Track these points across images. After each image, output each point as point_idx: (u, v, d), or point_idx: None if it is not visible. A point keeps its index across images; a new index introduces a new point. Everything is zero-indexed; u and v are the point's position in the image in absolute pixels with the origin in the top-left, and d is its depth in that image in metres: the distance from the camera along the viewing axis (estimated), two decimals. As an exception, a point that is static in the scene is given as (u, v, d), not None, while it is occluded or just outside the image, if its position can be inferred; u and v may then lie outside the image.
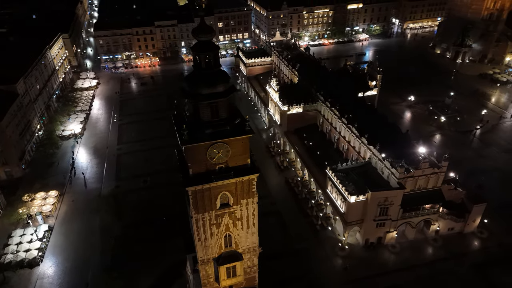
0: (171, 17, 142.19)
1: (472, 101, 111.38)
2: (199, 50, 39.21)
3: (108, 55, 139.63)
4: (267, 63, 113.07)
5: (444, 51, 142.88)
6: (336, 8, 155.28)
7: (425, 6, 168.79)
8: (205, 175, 42.95)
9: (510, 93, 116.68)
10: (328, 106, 79.11)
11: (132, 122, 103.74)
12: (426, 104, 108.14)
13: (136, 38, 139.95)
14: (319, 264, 62.13)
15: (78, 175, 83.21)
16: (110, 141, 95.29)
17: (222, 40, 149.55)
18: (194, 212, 45.04)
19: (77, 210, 74.20)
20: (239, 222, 48.24)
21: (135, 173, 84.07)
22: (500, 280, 58.43)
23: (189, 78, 40.69)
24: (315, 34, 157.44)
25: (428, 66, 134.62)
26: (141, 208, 74.38)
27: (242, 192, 45.72)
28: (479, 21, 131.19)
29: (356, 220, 62.15)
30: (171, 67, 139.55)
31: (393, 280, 58.85)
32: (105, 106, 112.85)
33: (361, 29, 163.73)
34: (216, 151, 41.89)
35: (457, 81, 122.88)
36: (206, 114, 40.68)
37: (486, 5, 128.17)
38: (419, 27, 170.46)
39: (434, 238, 65.65)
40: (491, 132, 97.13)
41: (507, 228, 66.87)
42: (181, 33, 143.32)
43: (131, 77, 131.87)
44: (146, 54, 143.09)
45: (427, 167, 59.83)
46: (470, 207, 63.50)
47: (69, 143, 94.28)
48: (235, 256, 50.71)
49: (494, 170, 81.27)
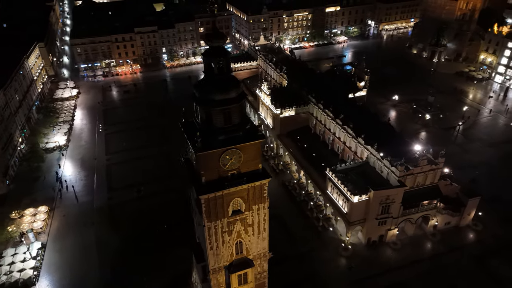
0: (151, 23, 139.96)
1: (452, 98, 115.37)
2: (212, 56, 38.69)
3: (86, 63, 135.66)
4: (253, 67, 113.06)
5: (421, 51, 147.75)
6: (315, 11, 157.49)
7: (399, 8, 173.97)
8: (218, 182, 42.38)
9: (486, 89, 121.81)
10: (321, 108, 79.85)
11: (119, 131, 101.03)
12: (410, 102, 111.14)
13: (115, 45, 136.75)
14: (324, 265, 62.40)
15: (68, 189, 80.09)
16: (97, 152, 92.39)
17: (204, 45, 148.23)
18: (207, 221, 44.21)
19: (69, 225, 71.36)
20: (251, 228, 47.85)
21: (127, 183, 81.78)
22: (498, 271, 60.44)
23: (201, 85, 40.05)
24: (295, 37, 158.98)
25: (407, 66, 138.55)
26: (137, 218, 72.42)
27: (254, 197, 45.38)
28: (453, 21, 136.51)
29: (359, 220, 62.87)
30: (153, 74, 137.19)
31: (397, 277, 59.84)
32: (88, 116, 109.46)
33: (339, 32, 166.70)
34: (229, 158, 41.42)
35: (436, 80, 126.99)
36: (219, 120, 40.13)
37: (459, 6, 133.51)
38: (394, 28, 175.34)
39: (433, 233, 67.34)
40: (473, 128, 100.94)
41: (499, 220, 69.45)
42: (161, 39, 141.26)
43: (112, 85, 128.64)
44: (126, 61, 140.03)
45: (425, 164, 61.39)
46: (465, 201, 65.61)
47: (54, 156, 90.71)
48: (247, 263, 50.20)
49: (480, 164, 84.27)
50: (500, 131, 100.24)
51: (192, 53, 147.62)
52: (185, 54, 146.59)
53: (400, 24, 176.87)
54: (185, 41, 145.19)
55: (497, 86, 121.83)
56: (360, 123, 72.43)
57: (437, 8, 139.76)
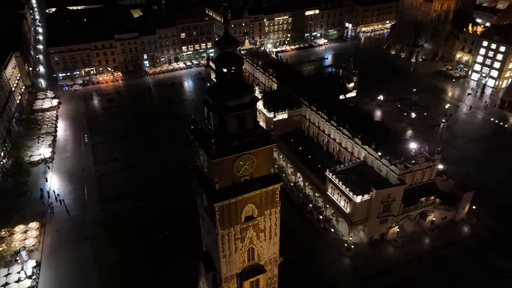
0: (131, 30, 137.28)
1: (433, 97, 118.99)
2: (226, 62, 38.21)
3: (65, 72, 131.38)
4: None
5: (399, 52, 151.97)
6: (295, 15, 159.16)
7: (375, 10, 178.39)
8: (231, 188, 41.85)
9: (463, 87, 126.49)
10: (314, 111, 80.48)
11: (106, 141, 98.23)
12: (394, 102, 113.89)
13: (95, 53, 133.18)
14: (329, 266, 62.67)
15: (57, 202, 77.03)
16: (85, 163, 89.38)
17: (186, 51, 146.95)
18: (220, 228, 43.49)
19: (63, 241, 68.53)
20: (262, 233, 47.52)
21: (119, 194, 79.50)
22: (496, 263, 62.33)
23: (215, 91, 39.39)
24: (276, 41, 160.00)
25: (386, 67, 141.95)
26: (133, 230, 70.52)
27: (267, 202, 45.11)
28: (428, 22, 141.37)
29: (361, 219, 63.60)
30: (135, 81, 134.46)
31: (401, 274, 60.81)
32: (72, 126, 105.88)
33: (319, 34, 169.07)
34: (243, 163, 41.02)
35: (416, 79, 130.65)
36: (233, 126, 39.69)
37: (434, 7, 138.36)
38: (371, 30, 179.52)
39: (430, 228, 68.98)
40: (456, 124, 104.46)
41: (491, 213, 71.89)
42: (142, 46, 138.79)
43: (94, 94, 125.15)
44: (106, 69, 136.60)
45: (423, 162, 62.91)
46: (460, 196, 67.62)
47: (40, 169, 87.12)
48: (258, 269, 49.75)
49: (467, 159, 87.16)
50: (481, 127, 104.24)
51: (174, 59, 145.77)
52: (167, 60, 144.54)
53: (377, 26, 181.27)
54: (167, 47, 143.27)
55: (473, 84, 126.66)
56: (355, 123, 73.46)
57: (413, 10, 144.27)
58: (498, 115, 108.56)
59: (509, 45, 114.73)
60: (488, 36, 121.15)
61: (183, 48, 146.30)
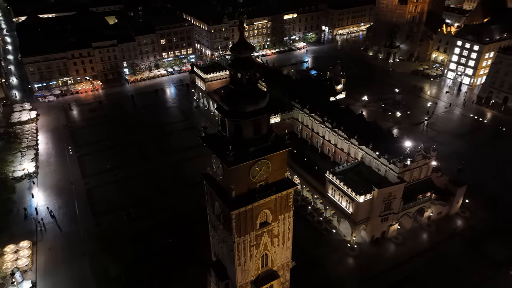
0: (109, 37, 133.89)
1: (413, 95, 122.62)
2: (241, 67, 37.87)
3: (41, 83, 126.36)
4: (225, 77, 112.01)
5: (376, 53, 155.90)
6: (274, 19, 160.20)
7: (350, 13, 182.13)
8: (247, 195, 41.48)
9: (440, 85, 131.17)
10: (307, 113, 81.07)
11: (92, 152, 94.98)
12: (378, 102, 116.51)
13: (72, 62, 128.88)
14: (335, 268, 63.03)
15: (47, 219, 73.66)
16: (73, 176, 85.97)
17: (166, 57, 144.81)
18: (236, 236, 42.88)
19: (58, 258, 65.45)
20: (276, 239, 47.27)
21: (114, 206, 76.97)
22: (493, 253, 64.61)
23: (231, 97, 38.79)
24: (256, 45, 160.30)
25: (366, 68, 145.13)
26: (132, 242, 68.39)
27: (281, 207, 44.91)
28: (404, 24, 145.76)
29: (363, 219, 64.41)
30: (116, 90, 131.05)
31: (407, 270, 61.99)
32: (54, 138, 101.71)
33: (297, 38, 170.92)
34: (258, 169, 40.73)
35: (395, 79, 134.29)
36: (249, 132, 39.34)
37: (408, 10, 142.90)
38: (347, 33, 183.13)
39: (428, 224, 70.77)
40: (438, 122, 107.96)
41: (482, 205, 74.57)
42: (122, 53, 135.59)
43: (73, 104, 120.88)
44: (85, 78, 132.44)
45: (421, 159, 64.56)
46: (454, 191, 69.82)
47: (24, 185, 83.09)
48: (272, 275, 49.43)
49: (453, 154, 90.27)
50: (462, 123, 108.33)
51: (155, 66, 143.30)
52: (147, 67, 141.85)
53: (352, 29, 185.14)
54: (147, 54, 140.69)
55: (450, 82, 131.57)
56: (349, 124, 74.53)
57: (389, 12, 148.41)
58: (476, 111, 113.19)
59: (482, 44, 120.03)
60: (461, 36, 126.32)
61: (164, 54, 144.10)
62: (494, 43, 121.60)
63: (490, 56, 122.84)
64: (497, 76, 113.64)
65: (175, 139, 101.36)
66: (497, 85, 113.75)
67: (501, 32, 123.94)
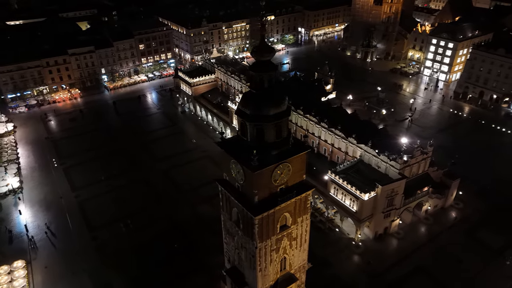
0: (86, 43, 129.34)
1: (393, 93, 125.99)
2: (263, 70, 37.40)
3: (15, 93, 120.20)
4: (211, 81, 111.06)
5: (354, 53, 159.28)
6: (252, 22, 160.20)
7: (325, 14, 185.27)
8: (269, 199, 41.20)
9: (417, 82, 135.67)
10: (301, 114, 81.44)
11: (79, 164, 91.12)
12: (361, 101, 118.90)
13: (47, 70, 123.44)
14: (343, 266, 63.50)
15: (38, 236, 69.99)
16: (61, 190, 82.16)
17: (146, 62, 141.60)
18: (259, 241, 42.37)
19: (56, 277, 62.19)
20: (295, 241, 47.13)
21: (109, 218, 74.19)
22: (490, 242, 67.19)
23: (253, 101, 38.23)
24: (236, 48, 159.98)
25: (345, 67, 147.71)
26: (133, 254, 66.19)
27: (299, 210, 44.78)
28: (379, 24, 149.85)
29: (367, 216, 65.33)
30: (95, 98, 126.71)
31: (412, 263, 63.28)
32: (36, 151, 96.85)
33: (275, 40, 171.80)
34: (280, 172, 40.52)
35: (375, 78, 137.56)
36: (271, 135, 39.04)
37: (384, 10, 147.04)
38: (323, 34, 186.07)
39: (425, 217, 72.74)
40: (421, 117, 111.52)
41: (474, 196, 77.45)
42: (100, 60, 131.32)
43: (51, 114, 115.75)
44: (61, 86, 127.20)
45: (419, 155, 66.30)
46: (449, 183, 72.23)
47: (9, 202, 78.57)
48: (290, 279, 49.28)
49: (439, 149, 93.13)
50: (442, 117, 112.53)
51: (134, 72, 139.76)
52: (126, 73, 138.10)
53: (328, 29, 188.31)
54: (126, 59, 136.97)
55: (427, 79, 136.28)
56: (344, 123, 75.50)
57: (365, 13, 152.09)
58: (455, 105, 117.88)
59: (456, 42, 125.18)
60: (436, 34, 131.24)
61: (143, 59, 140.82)
62: (467, 40, 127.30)
63: (464, 53, 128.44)
64: (472, 71, 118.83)
65: (163, 146, 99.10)
66: (473, 80, 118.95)
67: (472, 30, 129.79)
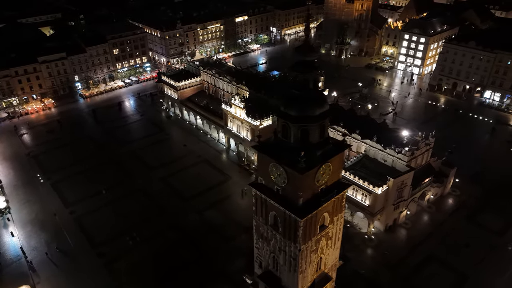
0: (56, 50, 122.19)
1: (372, 88, 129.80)
2: (308, 70, 36.94)
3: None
4: (197, 84, 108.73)
5: (328, 50, 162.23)
6: (226, 22, 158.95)
7: (295, 13, 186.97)
8: (312, 200, 40.91)
9: (392, 77, 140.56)
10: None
11: (67, 178, 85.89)
12: (345, 97, 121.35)
13: (16, 80, 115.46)
14: (361, 260, 64.34)
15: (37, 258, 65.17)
16: (53, 206, 77.00)
17: (121, 67, 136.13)
18: (302, 243, 41.98)
19: (66, 300, 58.42)
20: (330, 241, 47.12)
21: (112, 233, 70.56)
22: (490, 224, 70.91)
23: (298, 102, 37.58)
24: (212, 49, 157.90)
25: (321, 65, 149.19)
26: (146, 268, 63.32)
27: (336, 208, 44.81)
28: (352, 21, 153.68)
29: (379, 209, 66.68)
30: (71, 107, 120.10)
31: (425, 251, 65.32)
32: (16, 167, 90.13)
33: (250, 40, 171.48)
34: (322, 172, 40.26)
35: (352, 74, 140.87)
36: (315, 136, 38.86)
37: (355, 8, 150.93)
38: (294, 32, 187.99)
39: (428, 206, 75.46)
40: (403, 110, 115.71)
41: (469, 182, 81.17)
42: (73, 67, 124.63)
43: (25, 127, 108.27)
44: (32, 96, 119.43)
45: (423, 146, 68.61)
46: (447, 172, 75.41)
47: (-3, 223, 72.78)
48: (326, 278, 49.38)
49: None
50: (423, 109, 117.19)
51: (109, 78, 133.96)
52: (101, 80, 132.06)
53: (299, 28, 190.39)
54: (100, 65, 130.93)
55: (401, 73, 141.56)
56: (344, 120, 76.56)
57: (337, 11, 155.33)
58: (431, 97, 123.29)
59: (428, 36, 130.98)
60: (408, 29, 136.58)
61: (118, 65, 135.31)
62: (437, 34, 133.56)
63: (435, 47, 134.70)
64: (445, 64, 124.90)
65: (154, 153, 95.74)
66: (446, 72, 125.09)
67: (441, 24, 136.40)
